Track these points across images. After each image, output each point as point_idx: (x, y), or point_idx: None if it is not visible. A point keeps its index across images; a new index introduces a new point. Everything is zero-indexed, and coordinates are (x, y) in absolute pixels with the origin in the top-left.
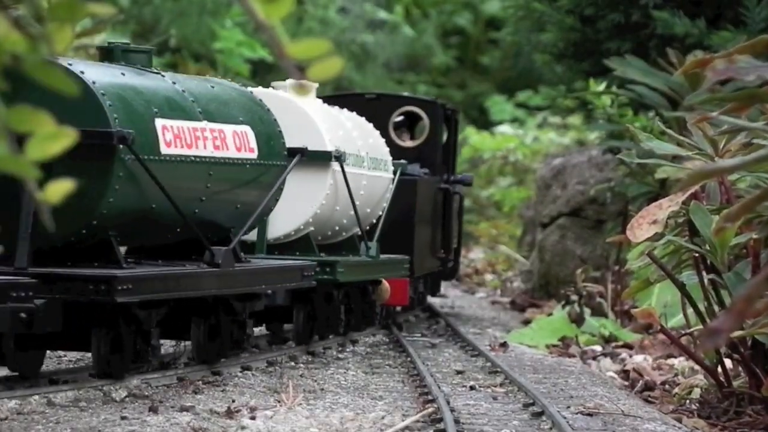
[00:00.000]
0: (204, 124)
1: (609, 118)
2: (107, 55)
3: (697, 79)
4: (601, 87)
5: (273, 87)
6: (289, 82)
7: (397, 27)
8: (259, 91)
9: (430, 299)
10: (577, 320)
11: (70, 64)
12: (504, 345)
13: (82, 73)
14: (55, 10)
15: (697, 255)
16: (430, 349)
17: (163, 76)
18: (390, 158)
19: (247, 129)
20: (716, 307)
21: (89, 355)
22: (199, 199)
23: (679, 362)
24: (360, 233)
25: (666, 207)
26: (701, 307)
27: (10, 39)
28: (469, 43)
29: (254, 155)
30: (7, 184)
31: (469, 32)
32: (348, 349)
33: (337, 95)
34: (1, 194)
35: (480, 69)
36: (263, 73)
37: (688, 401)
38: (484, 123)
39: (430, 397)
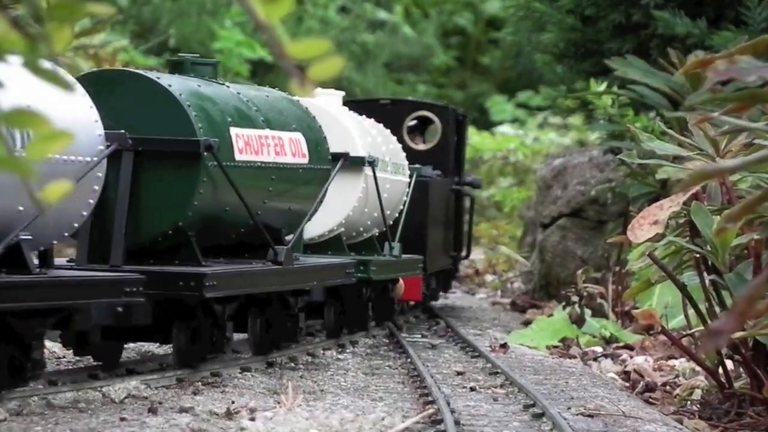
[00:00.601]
0: (267, 131)
1: (610, 119)
2: (177, 66)
3: (698, 79)
4: (602, 87)
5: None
6: (319, 90)
7: (398, 27)
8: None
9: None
10: (578, 321)
11: (158, 78)
12: (504, 346)
13: (170, 86)
14: (54, 10)
15: (698, 256)
16: (430, 350)
17: (228, 86)
18: (406, 162)
19: (299, 136)
20: (717, 308)
21: (88, 355)
22: (263, 202)
23: (680, 363)
24: (378, 234)
25: (667, 207)
26: (702, 308)
27: (9, 39)
28: (469, 43)
29: (306, 160)
30: None
31: (470, 32)
32: (348, 351)
33: (353, 101)
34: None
35: (480, 69)
36: (263, 73)
37: (689, 402)
38: (485, 123)
39: (430, 399)
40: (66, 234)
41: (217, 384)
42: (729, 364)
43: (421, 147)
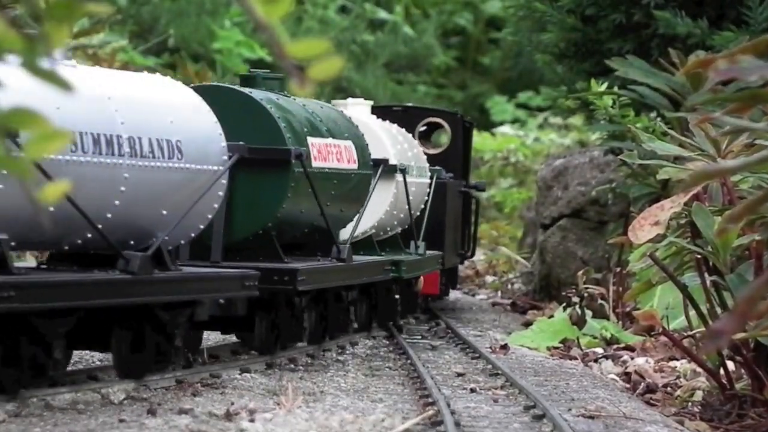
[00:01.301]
0: (330, 140)
1: (610, 119)
2: (248, 81)
3: (699, 79)
4: (603, 87)
5: (333, 105)
6: (350, 100)
7: (397, 27)
8: None
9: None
10: (579, 322)
11: (251, 92)
12: (505, 347)
13: (261, 100)
14: (52, 10)
15: (699, 256)
16: (430, 351)
17: (294, 99)
18: (427, 165)
19: (350, 144)
20: (718, 309)
21: (87, 357)
22: (326, 204)
23: (681, 364)
24: (401, 231)
25: (668, 208)
26: (703, 309)
27: (7, 39)
28: (469, 43)
29: (356, 166)
30: None
31: (470, 32)
32: (348, 352)
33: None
34: None
35: (480, 69)
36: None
37: (690, 404)
38: (485, 124)
39: (430, 400)
40: (193, 235)
41: (217, 385)
42: (730, 365)
43: (432, 151)
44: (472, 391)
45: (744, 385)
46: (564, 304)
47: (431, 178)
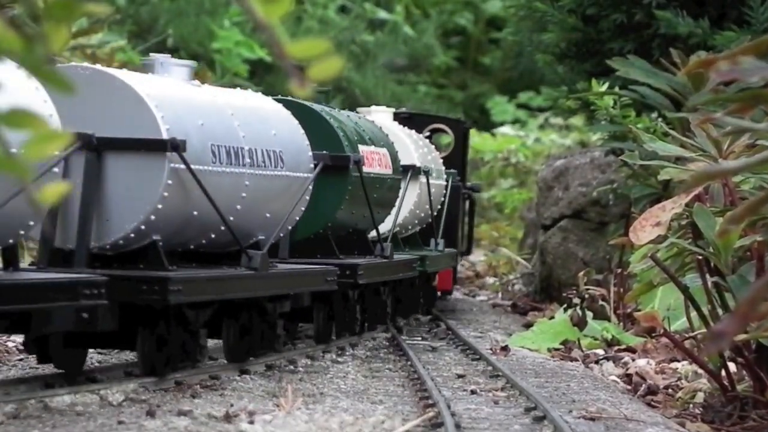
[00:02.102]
0: (372, 148)
1: (611, 119)
2: (323, 95)
3: (701, 79)
4: (604, 87)
5: (358, 112)
6: (374, 108)
7: (398, 27)
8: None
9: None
10: (579, 323)
11: (311, 105)
12: (505, 348)
13: (322, 111)
14: (51, 10)
15: (700, 257)
16: (430, 352)
17: (339, 110)
18: (443, 167)
19: (385, 151)
20: (720, 310)
21: (87, 358)
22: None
23: (683, 366)
24: (419, 230)
25: (669, 209)
26: (705, 310)
27: (6, 38)
28: (470, 43)
29: (390, 171)
30: None
31: (470, 32)
32: (347, 353)
33: None
34: None
35: (481, 69)
36: (262, 73)
37: (691, 405)
38: (485, 124)
39: (430, 402)
40: (282, 235)
41: (216, 387)
42: (732, 366)
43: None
44: (473, 392)
45: (745, 387)
46: (565, 306)
47: (446, 180)
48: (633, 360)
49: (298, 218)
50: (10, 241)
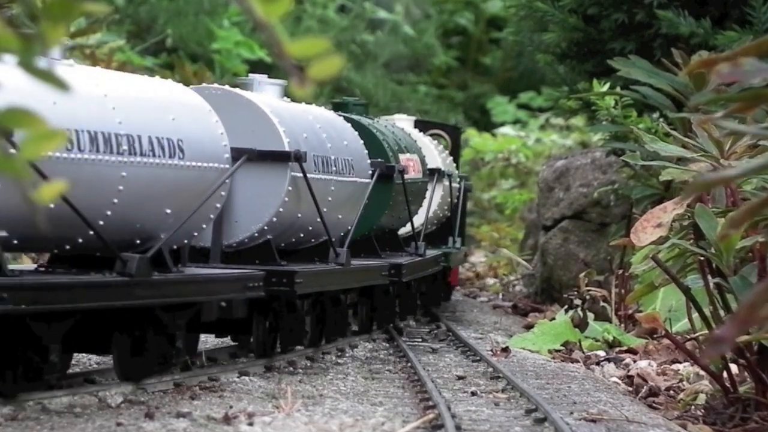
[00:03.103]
0: (408, 155)
1: (613, 120)
2: (341, 107)
3: (702, 79)
4: (605, 88)
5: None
6: (396, 116)
7: (398, 26)
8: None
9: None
10: (581, 325)
11: (360, 119)
12: (506, 350)
13: (369, 125)
14: (49, 9)
15: (702, 258)
16: (430, 354)
17: (377, 120)
18: (456, 170)
19: (416, 156)
20: (722, 312)
21: (85, 360)
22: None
23: (684, 367)
24: (435, 228)
25: (671, 210)
26: (706, 311)
27: (4, 38)
28: (470, 43)
29: (421, 176)
30: None
31: (471, 32)
32: (347, 354)
33: None
34: None
35: (481, 69)
36: (261, 73)
37: (693, 407)
38: (486, 124)
39: (430, 403)
40: (341, 234)
41: (215, 388)
42: (734, 368)
43: None
44: (473, 394)
45: (747, 389)
46: (566, 307)
47: (459, 182)
48: (634, 361)
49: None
50: (185, 241)
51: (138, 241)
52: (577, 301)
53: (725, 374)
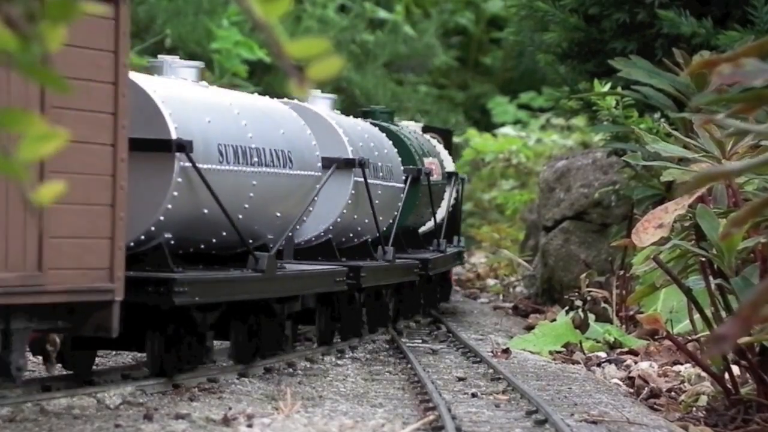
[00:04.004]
0: (430, 159)
1: (614, 120)
2: (368, 114)
3: (704, 79)
4: (606, 88)
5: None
6: (404, 123)
7: (398, 26)
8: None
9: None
10: (581, 326)
11: (389, 125)
12: (506, 351)
13: (398, 131)
14: (48, 9)
15: (703, 259)
16: (430, 355)
17: (402, 127)
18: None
19: (436, 160)
20: (723, 313)
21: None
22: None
23: (686, 369)
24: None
25: (672, 210)
26: (708, 312)
27: (2, 38)
28: (470, 43)
29: (440, 178)
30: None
31: (471, 32)
32: (347, 356)
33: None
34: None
35: (482, 69)
36: (261, 74)
37: (694, 409)
38: (486, 125)
39: (431, 405)
40: (377, 234)
41: (214, 390)
42: (735, 369)
43: None
44: (474, 395)
45: (749, 390)
46: (567, 308)
47: (461, 183)
48: (635, 363)
49: (392, 221)
50: (283, 241)
51: (251, 241)
52: (578, 303)
53: (727, 376)
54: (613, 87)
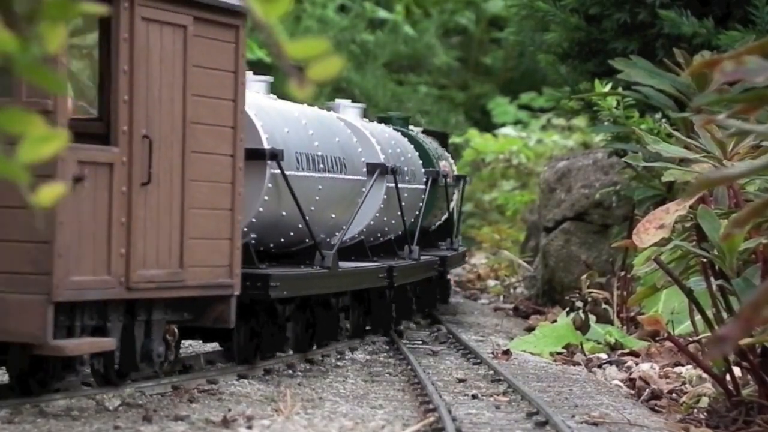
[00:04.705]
0: (444, 162)
1: (615, 120)
2: (385, 120)
3: (705, 80)
4: (607, 88)
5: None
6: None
7: (398, 26)
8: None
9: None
10: (582, 327)
11: (410, 129)
12: (507, 353)
13: (417, 136)
14: (47, 9)
15: (705, 260)
16: (431, 356)
17: (418, 133)
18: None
19: (447, 163)
20: (725, 314)
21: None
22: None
23: (687, 370)
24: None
25: (673, 211)
26: (709, 313)
27: (1, 38)
28: (471, 43)
29: (452, 180)
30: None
31: (472, 32)
32: (347, 357)
33: None
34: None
35: (482, 69)
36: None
37: (695, 410)
38: (487, 125)
39: (431, 406)
40: (399, 233)
41: (214, 392)
42: (737, 371)
43: None
44: (474, 397)
45: (751, 392)
46: (567, 309)
47: (464, 183)
48: (636, 364)
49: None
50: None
51: (307, 240)
52: (579, 304)
53: (728, 377)
54: (613, 87)
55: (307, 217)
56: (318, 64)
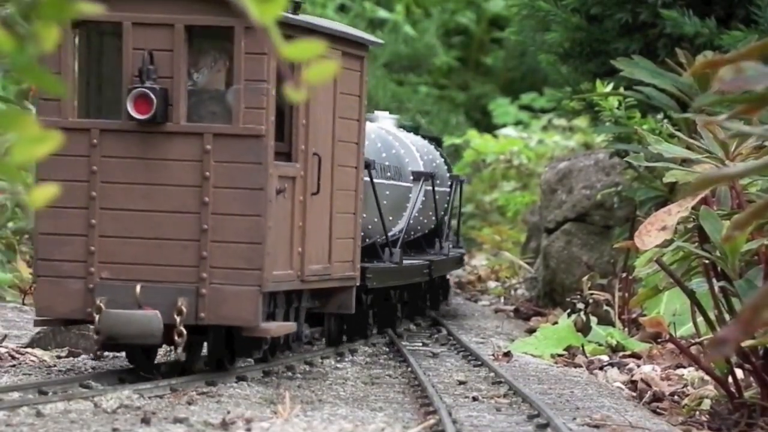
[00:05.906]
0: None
1: (616, 121)
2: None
3: (707, 80)
4: (608, 88)
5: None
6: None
7: (398, 26)
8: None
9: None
10: (584, 329)
11: (424, 135)
12: (508, 355)
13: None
14: (43, 9)
15: (707, 262)
16: (431, 358)
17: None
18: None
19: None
20: (727, 316)
21: (80, 365)
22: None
23: (689, 372)
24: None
25: (675, 212)
26: (711, 315)
27: None
28: (471, 42)
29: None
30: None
31: (472, 32)
32: (347, 359)
33: None
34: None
35: (483, 69)
36: None
37: (697, 412)
38: (487, 126)
39: (431, 409)
40: (426, 232)
41: (212, 394)
42: (739, 373)
43: None
44: (475, 399)
45: (753, 394)
46: (568, 311)
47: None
48: (638, 366)
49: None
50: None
51: (367, 240)
52: (580, 305)
53: (730, 379)
54: (615, 87)
55: (375, 219)
56: (314, 66)
